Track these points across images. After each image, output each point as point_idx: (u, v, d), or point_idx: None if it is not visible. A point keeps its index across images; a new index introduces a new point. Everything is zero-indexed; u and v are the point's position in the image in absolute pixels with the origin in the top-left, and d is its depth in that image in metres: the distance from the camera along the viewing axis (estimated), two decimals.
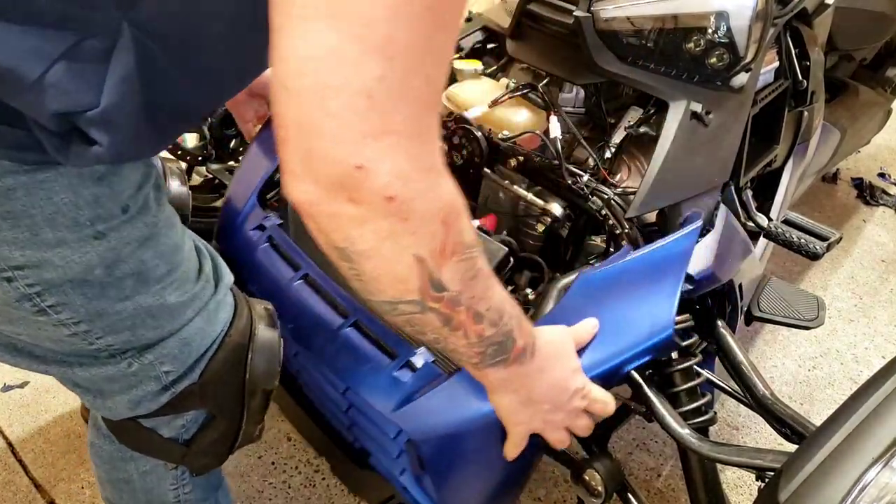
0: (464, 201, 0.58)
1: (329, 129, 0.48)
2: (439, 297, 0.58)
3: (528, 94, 1.16)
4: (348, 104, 0.47)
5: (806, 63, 1.42)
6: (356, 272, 0.56)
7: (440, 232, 0.55)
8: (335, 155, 0.49)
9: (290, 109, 0.49)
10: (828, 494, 0.64)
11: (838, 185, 2.81)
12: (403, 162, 0.50)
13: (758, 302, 1.32)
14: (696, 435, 0.93)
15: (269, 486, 1.49)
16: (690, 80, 1.10)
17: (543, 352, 0.75)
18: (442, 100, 1.24)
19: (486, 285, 0.63)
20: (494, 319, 0.65)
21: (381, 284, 0.57)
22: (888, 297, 2.23)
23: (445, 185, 0.55)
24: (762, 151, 1.37)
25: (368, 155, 0.49)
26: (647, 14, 1.07)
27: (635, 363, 0.92)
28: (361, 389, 0.94)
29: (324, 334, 1.00)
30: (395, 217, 0.52)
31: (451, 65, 0.53)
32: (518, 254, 1.04)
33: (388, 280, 0.56)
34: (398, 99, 0.49)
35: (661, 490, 1.55)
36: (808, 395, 1.83)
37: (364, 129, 0.48)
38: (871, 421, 0.67)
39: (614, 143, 1.15)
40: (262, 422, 0.91)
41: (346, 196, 0.50)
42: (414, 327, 0.62)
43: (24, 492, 1.44)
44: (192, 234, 0.84)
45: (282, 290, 1.06)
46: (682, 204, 1.07)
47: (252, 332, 0.84)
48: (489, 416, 0.83)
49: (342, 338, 0.98)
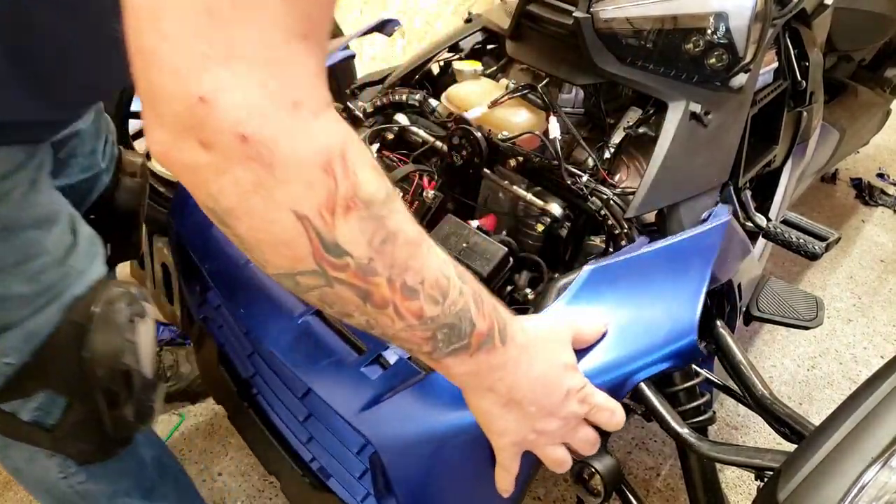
0: (363, 147, 0.49)
1: (166, 55, 0.40)
2: (341, 264, 0.49)
3: (528, 94, 1.16)
4: (185, 22, 0.40)
5: (805, 63, 1.43)
6: (236, 239, 0.48)
7: (323, 182, 0.46)
8: (175, 87, 0.41)
9: (129, 34, 0.42)
10: (827, 494, 0.64)
11: (837, 185, 2.81)
12: (256, 93, 0.42)
13: (757, 302, 1.32)
14: (695, 434, 0.94)
15: (270, 485, 1.49)
16: (689, 81, 1.11)
17: (522, 339, 0.65)
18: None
19: (411, 253, 0.53)
20: (435, 296, 0.55)
21: (265, 252, 0.48)
22: (887, 296, 2.23)
23: (324, 126, 0.46)
24: (761, 152, 1.37)
25: (211, 84, 0.41)
26: (646, 15, 1.07)
27: (649, 371, 0.80)
28: (322, 388, 0.82)
29: (282, 323, 0.89)
30: (255, 163, 0.43)
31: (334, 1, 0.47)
32: (517, 254, 1.05)
33: (272, 246, 0.47)
34: (246, 17, 0.41)
35: (660, 489, 1.55)
36: (807, 395, 1.84)
37: (205, 51, 0.41)
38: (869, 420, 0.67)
39: (613, 143, 1.16)
40: (141, 404, 0.87)
41: (196, 138, 0.42)
42: (333, 307, 0.54)
43: (25, 491, 1.44)
44: (79, 222, 0.83)
45: (238, 270, 0.96)
46: (681, 204, 1.07)
47: (92, 310, 0.80)
48: (473, 426, 0.69)
49: (302, 327, 0.88)
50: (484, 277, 0.98)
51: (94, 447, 0.89)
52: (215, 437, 1.59)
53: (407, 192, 1.07)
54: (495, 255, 1.00)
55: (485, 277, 0.98)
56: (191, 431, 1.60)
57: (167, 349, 1.65)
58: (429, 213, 1.06)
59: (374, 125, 1.27)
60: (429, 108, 1.26)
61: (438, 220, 1.06)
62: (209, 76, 0.41)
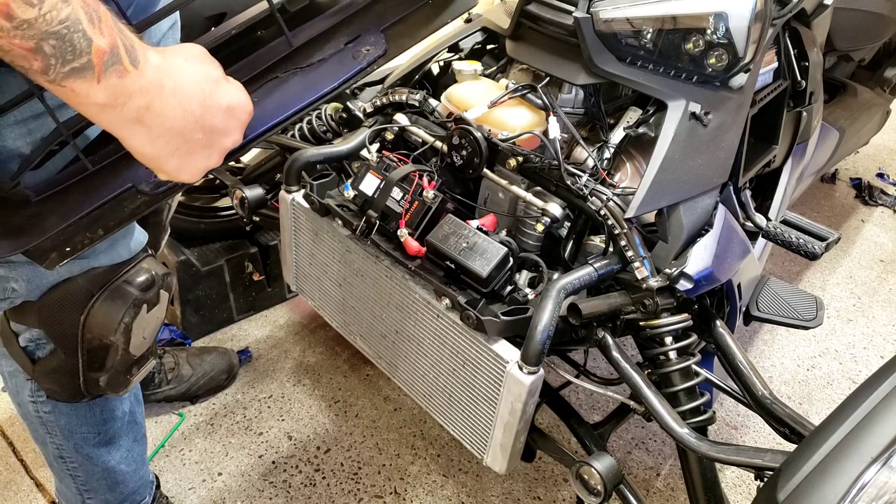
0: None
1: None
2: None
3: (528, 94, 1.16)
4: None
5: (805, 63, 1.43)
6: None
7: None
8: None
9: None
10: (826, 494, 0.64)
11: (837, 185, 2.81)
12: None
13: (756, 302, 1.32)
14: (694, 434, 0.94)
15: (270, 485, 1.49)
16: (689, 81, 1.11)
17: (157, 60, 0.60)
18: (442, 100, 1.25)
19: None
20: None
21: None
22: (887, 296, 2.23)
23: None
24: (761, 152, 1.37)
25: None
26: (646, 15, 1.07)
27: None
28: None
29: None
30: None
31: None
32: (517, 254, 1.05)
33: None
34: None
35: (660, 489, 1.55)
36: (806, 395, 1.84)
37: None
38: (869, 420, 0.68)
39: (613, 143, 1.16)
40: (116, 377, 0.96)
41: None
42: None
43: (26, 491, 1.44)
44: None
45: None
46: (680, 204, 1.07)
47: (107, 283, 0.89)
48: None
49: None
50: (484, 277, 0.99)
51: (65, 393, 0.99)
52: (215, 437, 1.59)
53: (407, 192, 1.07)
54: (495, 255, 1.00)
55: (485, 277, 0.99)
56: (191, 431, 1.60)
57: (168, 350, 1.66)
58: (429, 213, 1.06)
59: (373, 125, 1.28)
60: (429, 108, 1.26)
61: (438, 220, 1.06)
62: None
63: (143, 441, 1.22)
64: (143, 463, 1.24)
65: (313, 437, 1.60)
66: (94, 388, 0.97)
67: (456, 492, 1.50)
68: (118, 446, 1.13)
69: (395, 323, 1.14)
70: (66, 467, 1.12)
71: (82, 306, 0.89)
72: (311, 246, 1.26)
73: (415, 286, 1.07)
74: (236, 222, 1.81)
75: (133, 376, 0.98)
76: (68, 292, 0.89)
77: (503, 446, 1.02)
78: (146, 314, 0.93)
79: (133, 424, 1.15)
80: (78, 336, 0.90)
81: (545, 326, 0.93)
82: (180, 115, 0.61)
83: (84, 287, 0.89)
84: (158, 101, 0.60)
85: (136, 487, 1.23)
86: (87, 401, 1.02)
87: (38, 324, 0.92)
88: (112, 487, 1.17)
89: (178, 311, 1.78)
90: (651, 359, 1.07)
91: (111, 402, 1.08)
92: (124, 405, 1.12)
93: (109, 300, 0.90)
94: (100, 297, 0.89)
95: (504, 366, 0.96)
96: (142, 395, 1.21)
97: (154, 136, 0.61)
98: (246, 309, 1.90)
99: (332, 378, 1.76)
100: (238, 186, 1.35)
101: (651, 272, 1.02)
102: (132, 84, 0.57)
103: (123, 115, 0.59)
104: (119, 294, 0.90)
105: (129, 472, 1.18)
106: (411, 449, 1.59)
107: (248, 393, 1.70)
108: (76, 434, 1.07)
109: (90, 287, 0.89)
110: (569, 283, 0.98)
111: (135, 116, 0.59)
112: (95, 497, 1.17)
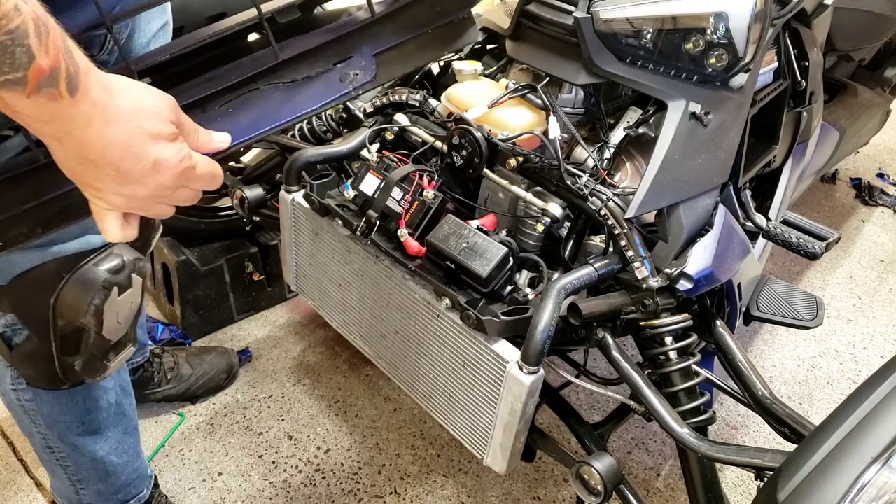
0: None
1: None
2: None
3: (528, 94, 1.16)
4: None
5: (805, 63, 1.43)
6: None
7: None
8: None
9: None
10: (827, 494, 0.64)
11: (837, 185, 2.81)
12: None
13: (756, 302, 1.32)
14: (694, 434, 0.94)
15: (270, 485, 1.49)
16: (689, 81, 1.11)
17: (100, 97, 0.59)
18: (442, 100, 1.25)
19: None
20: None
21: None
22: (887, 296, 2.23)
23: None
24: (761, 152, 1.37)
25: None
26: (646, 15, 1.07)
27: None
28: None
29: None
30: None
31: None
32: (517, 254, 1.05)
33: None
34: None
35: (660, 489, 1.55)
36: (806, 395, 1.84)
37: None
38: (869, 420, 0.68)
39: (613, 143, 1.16)
40: (91, 361, 0.95)
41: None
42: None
43: (26, 491, 1.44)
44: None
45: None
46: (680, 204, 1.07)
47: (77, 267, 0.89)
48: None
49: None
50: (484, 277, 0.99)
51: (43, 379, 1.01)
52: (215, 437, 1.59)
53: (407, 192, 1.07)
54: (495, 255, 1.00)
55: (485, 277, 0.99)
56: (191, 431, 1.60)
57: (167, 350, 1.66)
58: (429, 213, 1.06)
59: (374, 125, 1.28)
60: (429, 108, 1.26)
61: (438, 220, 1.06)
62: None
63: (135, 433, 1.22)
64: (137, 456, 1.25)
65: (313, 437, 1.60)
66: (71, 374, 0.97)
67: (456, 492, 1.50)
68: (106, 437, 1.14)
69: (395, 323, 1.14)
70: (55, 457, 1.13)
71: (52, 289, 0.89)
72: (312, 246, 1.26)
73: (415, 286, 1.07)
74: (236, 222, 1.81)
75: (110, 362, 0.98)
76: (38, 276, 0.90)
77: (503, 446, 1.02)
78: (118, 297, 0.92)
79: (121, 416, 1.16)
80: (49, 319, 0.91)
81: (545, 326, 0.93)
82: (101, 153, 0.61)
83: (54, 270, 0.90)
84: (80, 131, 0.59)
85: (131, 480, 1.24)
86: (68, 388, 1.03)
87: (10, 308, 0.94)
88: (103, 478, 1.18)
89: (178, 311, 1.78)
90: (651, 359, 1.07)
91: (94, 392, 1.09)
92: (109, 396, 1.12)
93: (78, 282, 0.90)
94: (69, 279, 0.90)
95: (504, 366, 0.96)
96: (132, 389, 1.21)
97: (68, 156, 0.62)
98: (246, 309, 1.90)
99: (331, 378, 1.76)
100: (238, 186, 1.35)
101: (651, 272, 1.02)
102: (61, 111, 0.57)
103: (42, 129, 0.59)
104: (88, 276, 0.90)
105: (120, 464, 1.19)
106: (411, 449, 1.59)
107: (248, 393, 1.70)
108: (59, 423, 1.08)
109: (60, 270, 0.90)
110: (569, 283, 0.98)
111: (53, 134, 0.59)
112: (88, 487, 1.18)
